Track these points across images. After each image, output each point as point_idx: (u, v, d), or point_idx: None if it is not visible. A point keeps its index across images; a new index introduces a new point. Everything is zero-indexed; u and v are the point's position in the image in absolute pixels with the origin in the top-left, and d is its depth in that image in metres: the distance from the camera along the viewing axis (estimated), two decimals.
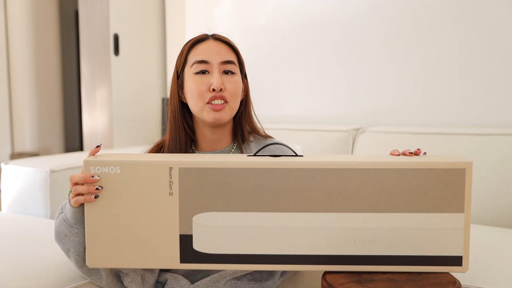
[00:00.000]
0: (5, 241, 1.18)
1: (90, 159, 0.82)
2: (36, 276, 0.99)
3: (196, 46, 0.99)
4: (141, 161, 0.81)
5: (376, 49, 1.96)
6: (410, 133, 1.66)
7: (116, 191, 0.81)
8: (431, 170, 0.79)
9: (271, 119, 2.20)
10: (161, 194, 0.81)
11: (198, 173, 0.80)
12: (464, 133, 1.56)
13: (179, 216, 0.81)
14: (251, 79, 1.13)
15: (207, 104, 0.96)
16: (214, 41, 1.00)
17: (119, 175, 0.81)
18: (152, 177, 0.81)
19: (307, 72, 2.15)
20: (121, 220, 0.82)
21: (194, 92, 0.96)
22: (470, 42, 1.74)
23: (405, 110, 1.90)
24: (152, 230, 0.82)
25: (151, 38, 2.82)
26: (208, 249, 0.82)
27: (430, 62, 1.83)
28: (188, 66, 0.98)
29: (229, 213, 0.81)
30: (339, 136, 1.79)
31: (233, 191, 0.80)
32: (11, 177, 1.62)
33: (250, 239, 0.81)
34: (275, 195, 0.80)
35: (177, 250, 0.82)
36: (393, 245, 0.81)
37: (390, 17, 1.92)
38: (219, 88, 0.95)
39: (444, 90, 1.81)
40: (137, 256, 0.83)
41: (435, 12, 1.82)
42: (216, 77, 0.95)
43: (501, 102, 1.69)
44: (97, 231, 0.83)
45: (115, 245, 0.83)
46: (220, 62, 0.97)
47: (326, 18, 2.07)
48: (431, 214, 0.80)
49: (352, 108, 2.03)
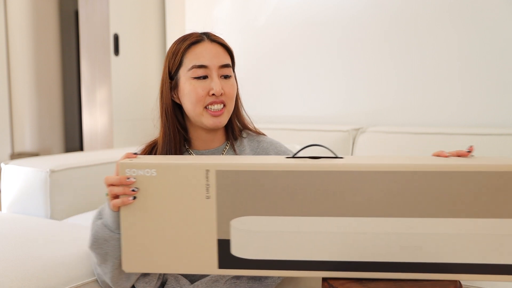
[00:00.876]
0: (5, 241, 1.18)
1: (125, 161, 0.80)
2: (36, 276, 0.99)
3: (192, 47, 0.98)
4: (178, 163, 0.79)
5: (376, 49, 1.96)
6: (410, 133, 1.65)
7: (152, 194, 0.79)
8: (483, 173, 0.73)
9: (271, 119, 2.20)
10: (198, 197, 0.79)
11: (236, 175, 0.77)
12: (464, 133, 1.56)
13: (217, 220, 0.79)
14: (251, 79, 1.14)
15: (205, 109, 0.96)
16: (210, 42, 0.99)
17: (155, 178, 0.79)
18: (188, 180, 0.78)
19: (307, 72, 2.15)
20: (157, 224, 0.80)
21: (193, 97, 0.96)
22: (470, 42, 1.74)
23: (405, 110, 1.90)
24: (189, 235, 0.80)
25: (151, 38, 2.82)
26: (246, 255, 0.79)
27: (430, 62, 1.83)
28: (185, 69, 0.97)
29: (268, 218, 0.78)
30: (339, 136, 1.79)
31: (272, 194, 0.77)
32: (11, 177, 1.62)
33: (291, 244, 0.78)
34: (316, 198, 0.77)
35: (215, 256, 0.80)
36: (441, 252, 0.76)
37: (390, 17, 1.92)
38: (220, 94, 0.95)
39: (444, 90, 1.81)
40: (174, 261, 0.81)
41: (435, 12, 1.82)
42: (216, 83, 0.95)
43: (501, 102, 1.69)
44: (133, 235, 0.81)
45: (151, 249, 0.81)
46: (219, 66, 0.97)
47: (326, 18, 2.07)
48: (482, 220, 0.74)
49: (352, 108, 2.03)
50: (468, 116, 1.75)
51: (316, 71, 2.12)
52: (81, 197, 1.62)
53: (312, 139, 1.84)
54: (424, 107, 1.86)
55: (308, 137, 1.86)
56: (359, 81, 2.01)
